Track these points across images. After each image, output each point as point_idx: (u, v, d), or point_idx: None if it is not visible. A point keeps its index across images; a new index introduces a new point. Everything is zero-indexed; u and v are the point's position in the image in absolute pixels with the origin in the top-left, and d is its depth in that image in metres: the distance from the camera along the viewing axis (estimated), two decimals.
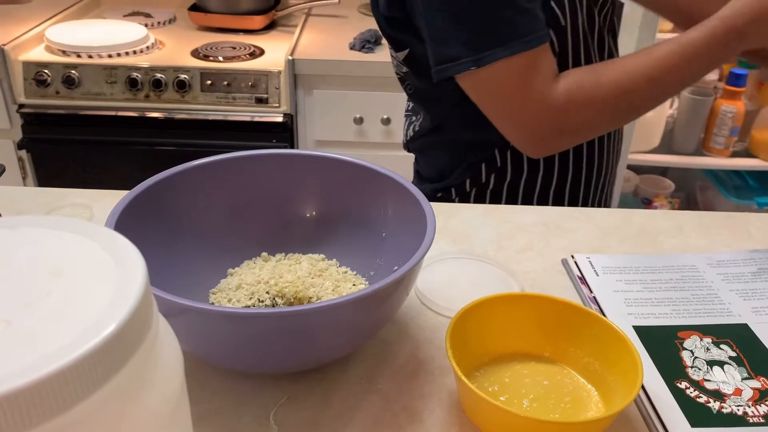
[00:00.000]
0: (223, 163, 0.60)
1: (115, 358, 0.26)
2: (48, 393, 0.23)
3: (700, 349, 0.57)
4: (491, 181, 0.88)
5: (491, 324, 0.55)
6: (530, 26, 0.69)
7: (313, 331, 0.46)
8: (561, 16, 0.76)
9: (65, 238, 0.31)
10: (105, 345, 0.25)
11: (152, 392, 0.29)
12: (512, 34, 0.68)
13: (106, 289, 0.27)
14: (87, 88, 1.61)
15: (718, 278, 0.66)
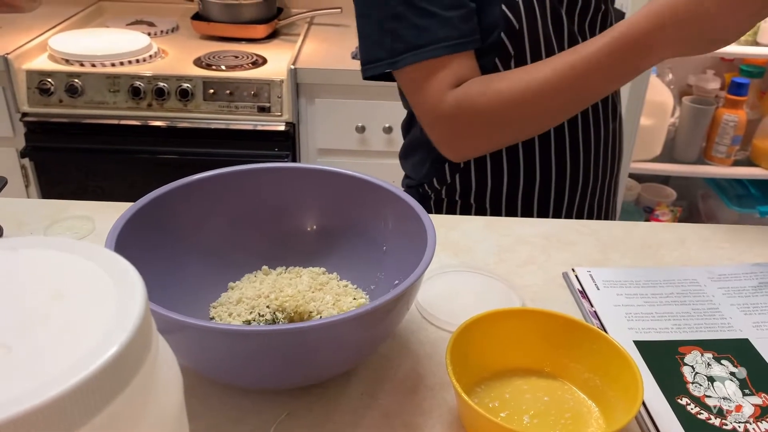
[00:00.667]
0: (223, 176, 0.61)
1: (115, 382, 0.26)
2: (48, 419, 0.23)
3: (701, 364, 0.56)
4: (457, 182, 0.88)
5: (492, 339, 0.55)
6: (433, 36, 0.71)
7: (312, 348, 0.46)
8: (514, 20, 0.76)
9: (65, 260, 0.31)
10: (105, 369, 0.25)
11: (152, 413, 0.29)
12: (415, 42, 0.72)
13: (106, 312, 0.28)
14: (90, 96, 1.61)
15: (719, 292, 0.66)
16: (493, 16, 0.76)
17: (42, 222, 0.74)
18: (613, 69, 0.68)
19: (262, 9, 1.88)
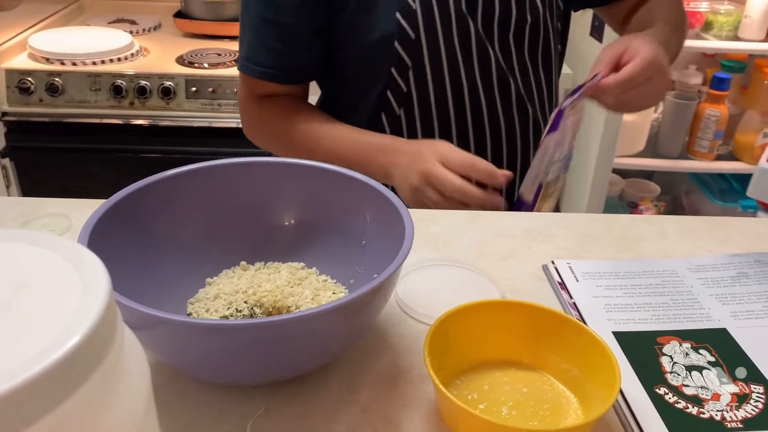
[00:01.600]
0: (199, 171, 0.60)
1: (75, 374, 0.25)
2: (7, 409, 0.23)
3: (680, 354, 0.57)
4: None
5: (471, 331, 0.55)
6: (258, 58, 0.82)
7: (289, 341, 0.46)
8: (410, 30, 0.76)
9: (29, 252, 0.30)
10: (64, 361, 0.25)
11: (117, 405, 0.28)
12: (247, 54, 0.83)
13: (69, 304, 0.27)
14: (71, 95, 1.60)
15: (698, 283, 0.66)
16: (387, 24, 0.75)
17: (18, 220, 0.73)
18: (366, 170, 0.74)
19: None
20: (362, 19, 0.77)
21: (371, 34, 0.77)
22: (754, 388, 0.53)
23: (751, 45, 1.84)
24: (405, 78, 0.79)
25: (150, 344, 0.48)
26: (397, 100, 0.81)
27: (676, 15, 0.87)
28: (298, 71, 0.83)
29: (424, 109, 0.82)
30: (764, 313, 0.62)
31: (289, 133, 0.83)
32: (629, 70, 0.70)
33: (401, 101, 0.81)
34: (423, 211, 0.80)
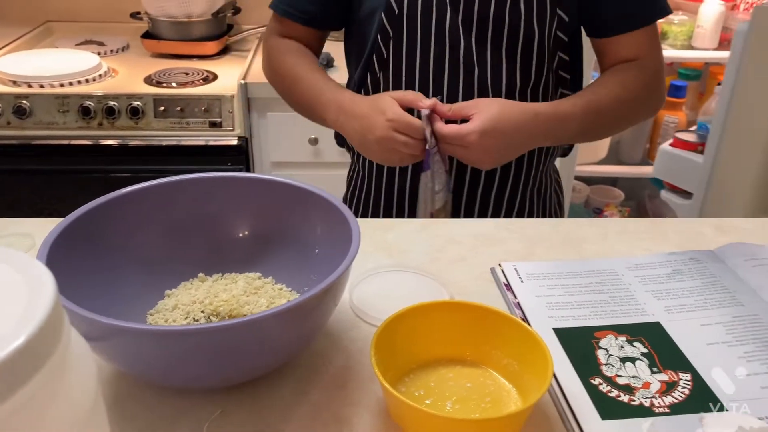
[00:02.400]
0: (155, 188, 0.63)
1: (19, 373, 0.28)
2: None
3: (615, 347, 0.60)
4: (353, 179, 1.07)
5: (418, 331, 0.58)
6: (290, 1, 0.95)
7: (240, 345, 0.49)
8: (395, 5, 0.87)
9: None
10: (8, 361, 0.27)
11: (62, 403, 0.31)
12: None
13: (15, 309, 0.30)
14: (39, 117, 1.61)
15: (635, 280, 0.70)
16: (377, 0, 0.87)
17: None
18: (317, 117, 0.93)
19: (212, 26, 1.90)
20: None
21: (365, 3, 0.90)
22: (682, 375, 0.57)
23: (705, 53, 1.91)
24: (387, 46, 0.90)
25: (108, 353, 0.50)
26: (379, 64, 0.92)
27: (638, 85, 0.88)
28: (315, 17, 0.96)
29: (397, 77, 0.91)
30: (696, 306, 0.66)
31: (282, 69, 0.96)
32: (447, 130, 0.79)
33: (381, 66, 0.92)
34: (379, 220, 0.83)
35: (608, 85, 0.88)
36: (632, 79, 0.88)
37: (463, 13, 0.86)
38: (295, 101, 0.97)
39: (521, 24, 0.86)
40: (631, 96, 0.88)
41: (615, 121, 0.90)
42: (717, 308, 0.65)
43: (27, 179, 1.66)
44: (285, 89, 0.98)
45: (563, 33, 0.89)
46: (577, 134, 0.87)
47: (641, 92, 0.89)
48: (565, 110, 0.83)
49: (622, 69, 0.89)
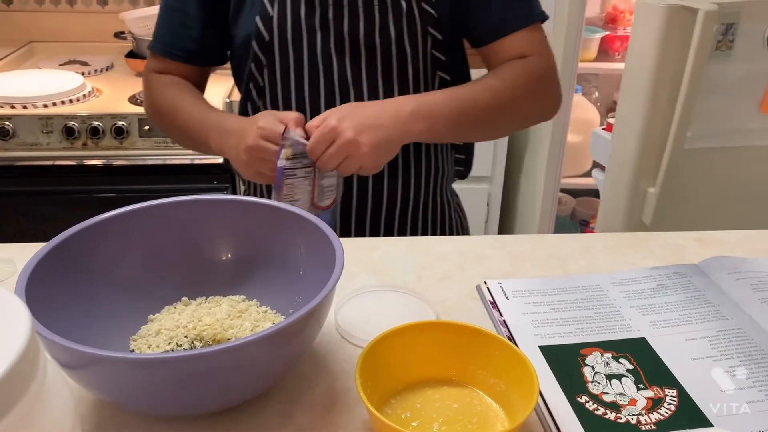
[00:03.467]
0: (135, 212, 0.62)
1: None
2: None
3: (601, 364, 0.60)
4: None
5: (404, 352, 0.58)
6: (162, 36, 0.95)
7: (222, 372, 0.48)
8: (265, 32, 0.87)
9: None
10: None
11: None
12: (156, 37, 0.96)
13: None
14: (22, 138, 1.60)
15: (620, 296, 0.70)
16: (250, 27, 0.87)
17: None
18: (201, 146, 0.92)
19: None
20: (237, 18, 0.90)
21: (240, 32, 0.89)
22: (668, 391, 0.57)
23: None
24: (261, 74, 0.90)
25: (90, 382, 0.50)
26: (257, 93, 0.93)
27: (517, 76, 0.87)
28: (196, 54, 0.95)
29: (275, 105, 0.92)
30: (680, 321, 0.66)
31: (162, 101, 0.94)
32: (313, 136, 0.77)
33: (260, 94, 0.93)
34: (364, 239, 0.83)
35: (483, 78, 0.88)
36: (511, 70, 0.87)
37: (334, 36, 0.86)
38: (177, 132, 0.95)
39: (393, 44, 0.86)
40: (508, 85, 0.85)
41: (495, 110, 0.85)
42: (701, 323, 0.65)
43: (11, 201, 1.65)
44: (166, 122, 0.95)
45: (440, 52, 0.89)
46: (450, 121, 0.82)
47: (522, 82, 0.86)
48: (429, 94, 0.83)
49: (502, 65, 0.89)
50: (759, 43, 1.33)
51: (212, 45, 0.94)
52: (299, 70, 0.88)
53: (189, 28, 0.92)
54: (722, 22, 1.24)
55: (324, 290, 0.52)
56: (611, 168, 1.43)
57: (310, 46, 0.87)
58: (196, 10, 0.91)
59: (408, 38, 0.86)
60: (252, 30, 0.87)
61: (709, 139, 1.35)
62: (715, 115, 1.35)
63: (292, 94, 0.90)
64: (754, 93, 1.37)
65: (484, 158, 1.91)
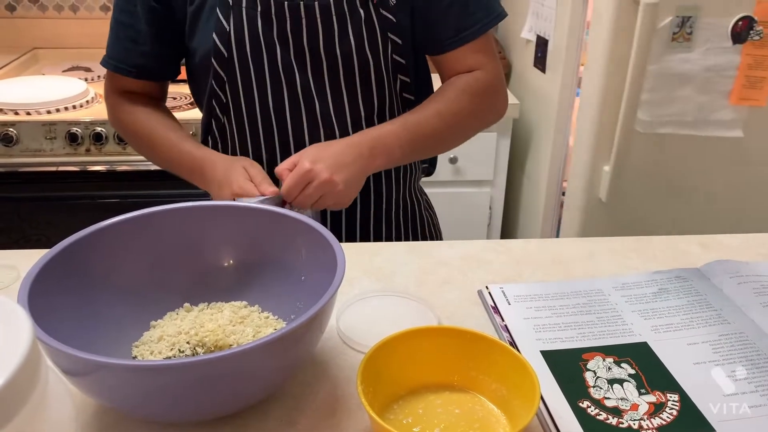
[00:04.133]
0: (137, 219, 0.63)
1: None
2: None
3: (603, 369, 0.60)
4: None
5: (405, 358, 0.58)
6: (113, 51, 0.93)
7: (224, 378, 0.48)
8: (223, 49, 0.86)
9: None
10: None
11: None
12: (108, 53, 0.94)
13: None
14: (26, 144, 1.61)
15: (622, 300, 0.70)
16: (207, 42, 0.87)
17: None
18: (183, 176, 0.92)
19: None
20: (192, 35, 0.89)
21: (198, 48, 0.89)
22: (670, 396, 0.57)
23: None
24: (223, 90, 0.90)
25: (92, 388, 0.50)
26: (220, 109, 0.92)
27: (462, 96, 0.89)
28: (148, 70, 0.93)
29: (239, 121, 0.91)
30: (682, 325, 0.66)
31: (134, 129, 0.94)
32: (286, 182, 0.79)
33: (223, 110, 0.92)
34: (365, 244, 0.83)
35: (429, 102, 0.89)
36: (455, 92, 0.89)
37: (293, 49, 0.86)
38: (154, 160, 0.96)
39: (353, 53, 0.86)
40: (453, 107, 0.88)
41: (443, 132, 0.89)
42: (703, 327, 0.65)
43: (14, 206, 1.66)
44: (141, 148, 0.96)
45: (400, 56, 0.89)
46: (405, 149, 0.85)
47: (465, 103, 0.89)
48: (382, 127, 0.85)
49: (448, 84, 0.91)
50: (724, 37, 1.42)
51: (164, 60, 0.93)
52: (262, 86, 0.88)
53: (139, 44, 0.91)
54: (678, 15, 1.36)
55: (325, 296, 0.52)
56: (575, 149, 1.58)
57: (271, 60, 0.86)
58: (145, 25, 0.90)
59: (368, 45, 0.86)
60: (210, 46, 0.86)
61: (672, 125, 1.48)
62: (678, 103, 1.46)
63: (257, 110, 0.89)
64: (723, 85, 1.46)
65: (486, 162, 1.91)
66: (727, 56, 1.44)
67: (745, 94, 1.48)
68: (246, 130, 0.91)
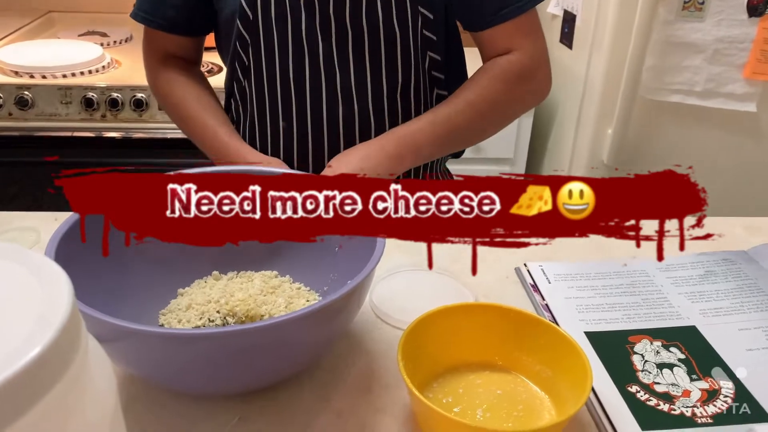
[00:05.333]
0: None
1: (38, 384, 0.25)
2: None
3: (651, 352, 0.57)
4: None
5: (445, 335, 0.55)
6: (143, 3, 0.90)
7: (260, 350, 0.46)
8: (249, 10, 0.83)
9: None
10: (26, 371, 0.24)
11: (82, 415, 0.28)
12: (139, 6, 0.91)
13: (30, 315, 0.27)
14: (41, 108, 1.58)
15: (667, 282, 0.67)
16: (233, 4, 0.84)
17: None
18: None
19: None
20: None
21: (225, 8, 0.86)
22: (723, 383, 0.54)
23: None
24: (246, 53, 0.87)
25: (120, 356, 0.48)
26: (242, 72, 0.89)
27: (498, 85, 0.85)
28: (178, 24, 0.91)
29: (260, 85, 0.88)
30: (732, 310, 0.63)
31: (172, 102, 0.93)
32: None
33: (245, 73, 0.89)
34: None
35: (461, 92, 0.85)
36: (489, 79, 0.85)
37: (319, 18, 0.82)
38: (186, 134, 0.96)
39: (380, 25, 0.82)
40: (486, 95, 0.84)
41: (476, 124, 0.85)
42: (755, 312, 0.62)
43: (29, 171, 1.63)
44: (176, 120, 0.96)
45: (430, 32, 0.85)
46: (436, 145, 0.83)
47: (501, 88, 0.85)
48: (410, 125, 0.82)
49: (481, 71, 0.86)
50: (739, 9, 1.40)
51: (195, 14, 0.90)
52: (284, 52, 0.85)
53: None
54: None
55: (366, 268, 0.50)
56: (582, 111, 1.62)
57: (295, 26, 0.83)
58: None
59: (397, 18, 0.82)
60: (236, 7, 0.83)
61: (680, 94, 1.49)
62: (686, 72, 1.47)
63: (277, 76, 0.86)
64: (737, 58, 1.45)
65: (507, 139, 1.87)
66: (742, 28, 1.41)
67: (761, 69, 1.45)
68: (265, 96, 0.89)
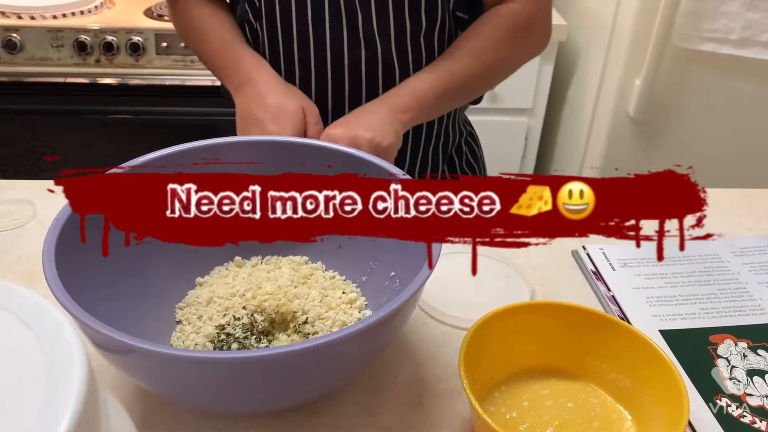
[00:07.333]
0: (185, 153, 0.51)
1: None
2: None
3: (736, 356, 0.51)
4: None
5: (506, 338, 0.48)
6: None
7: (301, 371, 0.39)
8: None
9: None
10: None
11: None
12: None
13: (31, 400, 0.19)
14: (31, 52, 1.47)
15: (744, 269, 0.60)
16: None
17: None
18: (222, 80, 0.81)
19: None
20: None
21: None
22: None
23: None
24: (259, 21, 0.80)
25: (135, 374, 0.40)
26: (253, 14, 0.82)
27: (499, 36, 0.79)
28: None
29: (272, 29, 0.81)
30: None
31: (187, 20, 0.84)
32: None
33: (256, 15, 0.82)
34: None
35: (462, 42, 0.79)
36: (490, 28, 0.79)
37: None
38: (203, 59, 0.85)
39: None
40: (489, 45, 0.79)
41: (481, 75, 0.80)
42: None
43: (20, 118, 1.53)
44: (192, 44, 0.85)
45: None
46: (442, 98, 0.77)
47: (502, 36, 0.80)
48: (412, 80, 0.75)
49: (482, 20, 0.80)
50: None
51: None
52: (302, 4, 0.76)
53: None
54: None
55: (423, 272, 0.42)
56: (607, 61, 1.52)
57: None
58: None
59: None
60: None
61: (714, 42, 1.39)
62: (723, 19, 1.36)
63: (292, 18, 0.78)
64: None
65: (525, 89, 1.77)
66: None
67: None
68: (279, 42, 0.80)
